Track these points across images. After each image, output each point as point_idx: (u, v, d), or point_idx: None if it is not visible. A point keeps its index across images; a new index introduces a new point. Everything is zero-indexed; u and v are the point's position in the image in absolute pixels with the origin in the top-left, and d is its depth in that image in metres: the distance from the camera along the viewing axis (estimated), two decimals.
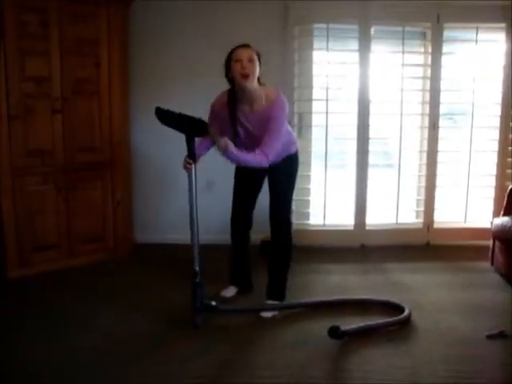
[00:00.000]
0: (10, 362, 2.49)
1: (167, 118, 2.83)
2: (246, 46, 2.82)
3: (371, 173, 4.38)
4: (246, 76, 2.74)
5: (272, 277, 3.17)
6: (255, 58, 2.79)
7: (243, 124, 2.90)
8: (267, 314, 3.01)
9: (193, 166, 2.83)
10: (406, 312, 2.94)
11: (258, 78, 2.83)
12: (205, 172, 3.36)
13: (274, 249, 3.17)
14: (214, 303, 2.90)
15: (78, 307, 3.13)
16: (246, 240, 3.33)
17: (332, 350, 2.61)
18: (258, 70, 2.79)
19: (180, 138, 3.22)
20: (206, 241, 3.13)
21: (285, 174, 3.08)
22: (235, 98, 2.86)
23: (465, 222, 4.47)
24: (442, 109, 4.34)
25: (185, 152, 2.80)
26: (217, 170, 3.27)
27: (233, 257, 3.36)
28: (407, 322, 2.90)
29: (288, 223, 3.15)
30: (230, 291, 3.32)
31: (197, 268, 2.87)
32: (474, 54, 4.26)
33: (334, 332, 2.64)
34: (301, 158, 3.19)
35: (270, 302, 3.12)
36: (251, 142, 2.87)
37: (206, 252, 2.99)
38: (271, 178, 3.10)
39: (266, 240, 4.07)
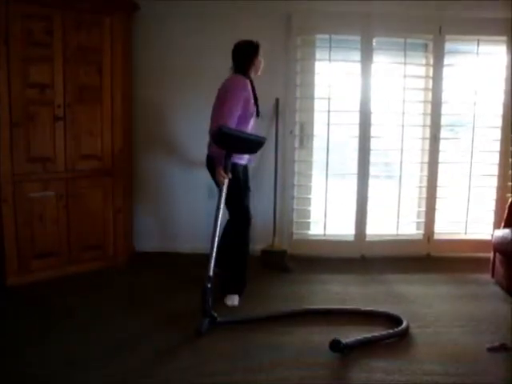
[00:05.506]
0: (9, 369, 2.47)
1: (232, 139, 2.99)
2: None
3: (372, 183, 4.38)
4: None
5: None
6: None
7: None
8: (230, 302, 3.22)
9: (226, 179, 3.08)
10: (404, 324, 2.93)
11: None
12: (207, 179, 3.37)
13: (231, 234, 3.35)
14: (214, 314, 2.89)
15: (77, 315, 3.12)
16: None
17: (332, 362, 2.60)
18: None
19: (180, 148, 3.24)
20: (205, 250, 3.12)
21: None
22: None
23: (465, 233, 4.47)
24: (443, 120, 4.34)
25: (183, 160, 2.80)
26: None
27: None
28: (406, 333, 2.89)
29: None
30: (231, 299, 3.30)
31: (211, 273, 2.90)
32: (475, 66, 4.29)
33: (336, 345, 2.63)
34: (302, 168, 3.20)
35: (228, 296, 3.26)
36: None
37: (203, 260, 3.01)
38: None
39: (266, 250, 4.10)
